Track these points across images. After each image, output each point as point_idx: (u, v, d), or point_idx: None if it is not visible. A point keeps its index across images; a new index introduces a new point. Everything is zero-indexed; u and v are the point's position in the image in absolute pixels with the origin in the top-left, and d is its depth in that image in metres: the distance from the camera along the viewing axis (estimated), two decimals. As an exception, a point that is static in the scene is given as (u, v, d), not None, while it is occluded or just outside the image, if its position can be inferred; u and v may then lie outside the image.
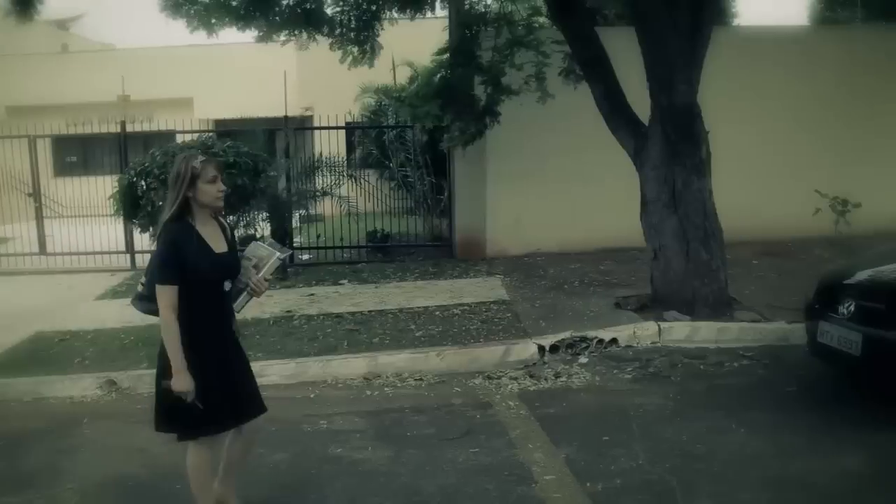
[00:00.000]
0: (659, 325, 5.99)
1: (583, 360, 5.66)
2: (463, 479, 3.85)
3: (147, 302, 3.15)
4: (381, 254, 10.49)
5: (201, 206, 3.05)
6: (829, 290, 4.82)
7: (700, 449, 4.05)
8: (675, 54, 5.91)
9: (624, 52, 6.70)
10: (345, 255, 10.29)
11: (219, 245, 3.10)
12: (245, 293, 3.15)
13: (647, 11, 6.02)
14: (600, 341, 5.85)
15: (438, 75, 8.28)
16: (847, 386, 4.94)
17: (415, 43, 11.71)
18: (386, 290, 8.11)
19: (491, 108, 8.00)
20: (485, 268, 9.10)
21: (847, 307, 4.51)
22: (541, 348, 5.77)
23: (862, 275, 4.80)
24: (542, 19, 8.67)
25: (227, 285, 3.13)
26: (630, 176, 6.74)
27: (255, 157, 6.44)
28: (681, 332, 5.95)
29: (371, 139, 12.89)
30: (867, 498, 3.47)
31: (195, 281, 2.99)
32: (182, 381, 2.93)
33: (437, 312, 7.00)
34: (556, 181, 9.63)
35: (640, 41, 6.15)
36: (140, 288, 3.23)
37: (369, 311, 7.12)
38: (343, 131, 12.29)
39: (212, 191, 3.03)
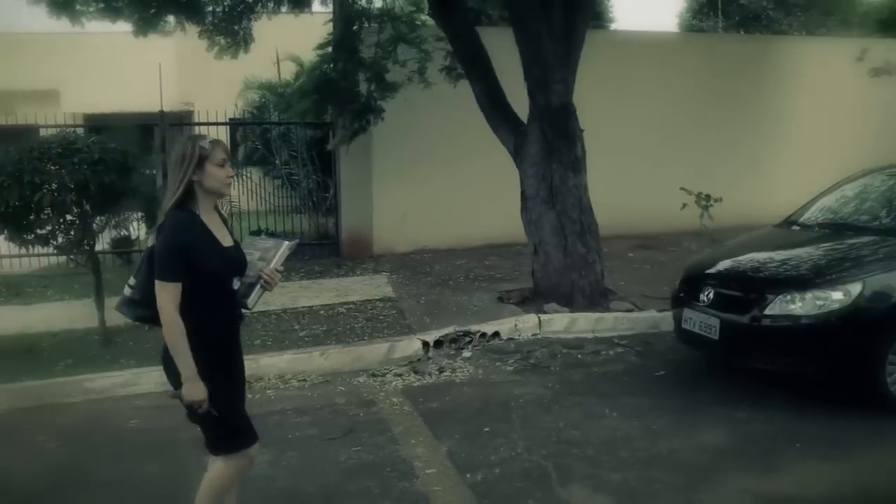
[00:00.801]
0: (539, 318, 6.19)
1: (466, 354, 5.76)
2: (345, 478, 3.81)
3: (138, 307, 2.78)
4: (266, 253, 10.20)
5: (207, 193, 2.73)
6: (691, 280, 5.15)
7: (575, 435, 4.22)
8: (550, 55, 6.10)
9: (505, 51, 6.86)
10: (227, 255, 9.94)
11: (225, 238, 2.80)
12: (258, 287, 2.84)
13: (523, 13, 6.18)
14: (483, 335, 5.96)
15: (317, 70, 8.14)
16: (709, 368, 5.30)
17: (301, 36, 11.49)
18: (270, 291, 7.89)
19: (374, 104, 7.97)
20: (371, 266, 9.06)
21: (707, 295, 4.84)
22: (425, 344, 5.81)
23: (719, 265, 5.16)
24: (424, 16, 8.73)
25: (236, 283, 2.82)
26: (513, 173, 6.91)
27: (125, 154, 6.06)
28: (560, 323, 6.17)
29: (256, 136, 12.54)
30: (723, 469, 3.72)
31: (204, 278, 2.65)
32: (196, 390, 2.61)
33: (322, 312, 6.90)
34: (442, 178, 9.74)
35: (517, 42, 6.31)
36: (128, 291, 2.81)
37: (252, 313, 6.89)
38: (226, 127, 11.86)
39: (220, 175, 2.72)
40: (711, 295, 4.81)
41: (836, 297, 4.31)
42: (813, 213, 5.78)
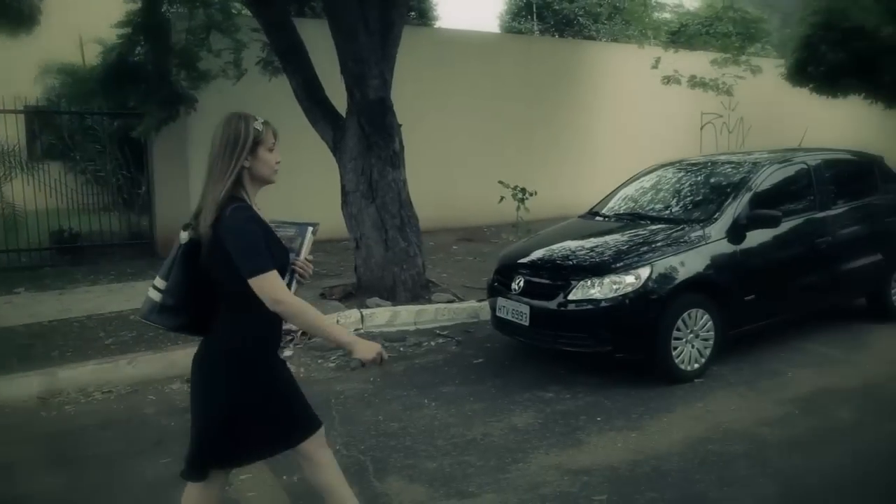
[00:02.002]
0: (361, 312, 6.18)
1: (287, 353, 5.62)
2: (150, 493, 3.59)
3: (175, 315, 2.41)
4: (69, 256, 9.35)
5: (255, 181, 2.44)
6: (504, 270, 5.40)
7: (394, 427, 4.26)
8: (366, 51, 6.09)
9: (326, 44, 6.75)
10: (23, 259, 8.98)
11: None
12: (294, 281, 2.59)
13: (338, 7, 6.11)
14: (304, 333, 5.84)
15: (116, 52, 7.49)
16: (522, 353, 5.58)
17: (113, 19, 10.63)
18: (73, 297, 7.25)
19: (184, 93, 7.52)
20: (190, 266, 8.58)
21: (518, 283, 5.10)
22: (244, 345, 5.59)
23: (528, 255, 5.45)
24: (240, 4, 8.38)
25: (288, 278, 2.53)
26: (337, 167, 6.82)
27: None
28: (382, 317, 6.21)
29: (56, 126, 11.37)
30: (532, 448, 3.93)
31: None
32: (367, 345, 2.42)
33: (133, 316, 6.42)
34: (265, 173, 9.42)
35: (332, 36, 6.23)
36: (157, 296, 2.41)
37: (49, 322, 6.31)
38: (22, 116, 10.65)
39: (271, 161, 2.45)
40: (522, 283, 5.07)
41: (629, 280, 4.71)
42: (613, 204, 6.27)
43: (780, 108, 14.24)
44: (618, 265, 4.84)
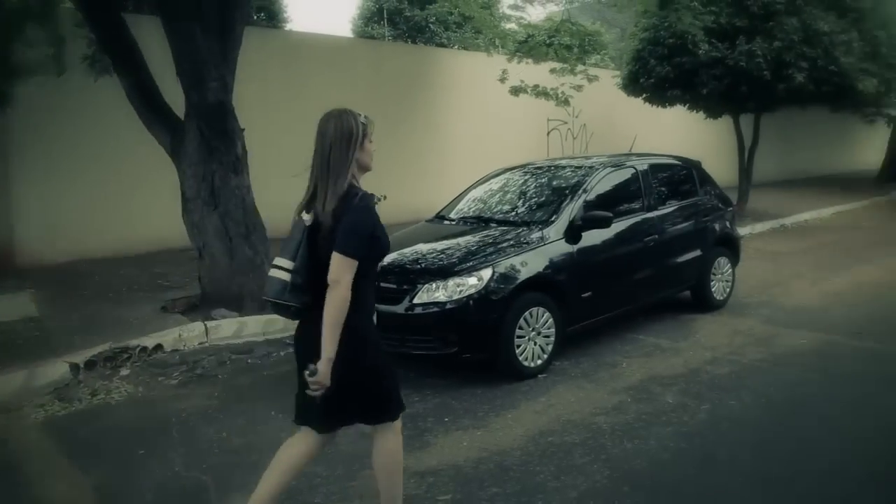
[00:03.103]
0: (206, 325, 5.91)
1: (124, 372, 5.27)
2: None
3: (303, 293, 2.54)
4: None
5: (360, 169, 2.69)
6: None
7: (238, 442, 4.12)
8: (204, 52, 5.83)
9: (161, 42, 6.39)
10: None
11: None
12: None
13: (172, 8, 5.80)
14: (144, 349, 5.51)
15: None
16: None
17: None
18: None
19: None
20: (13, 282, 7.82)
21: (365, 288, 5.06)
22: (74, 366, 5.18)
23: (377, 259, 5.43)
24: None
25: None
26: (180, 172, 6.48)
27: None
28: (228, 329, 5.97)
29: None
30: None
31: (377, 259, 2.69)
32: (328, 373, 2.48)
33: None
34: (105, 178, 8.82)
35: (167, 36, 5.91)
36: (285, 276, 2.53)
37: None
38: None
39: (371, 150, 2.72)
40: (369, 288, 5.05)
41: (472, 282, 4.84)
42: (460, 207, 6.42)
43: (619, 116, 15.26)
44: (461, 267, 4.95)
